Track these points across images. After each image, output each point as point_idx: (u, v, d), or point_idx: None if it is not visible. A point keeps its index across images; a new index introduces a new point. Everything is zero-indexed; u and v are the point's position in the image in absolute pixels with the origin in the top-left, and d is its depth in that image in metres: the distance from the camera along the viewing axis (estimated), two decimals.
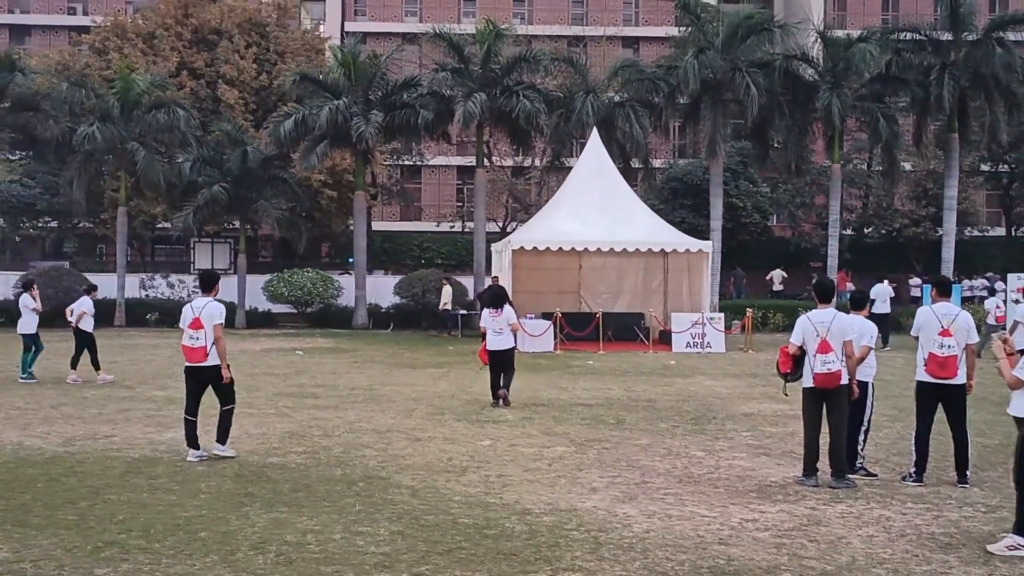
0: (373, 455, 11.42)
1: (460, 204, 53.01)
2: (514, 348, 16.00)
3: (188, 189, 35.86)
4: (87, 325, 18.76)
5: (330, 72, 36.01)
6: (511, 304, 16.24)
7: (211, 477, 10.15)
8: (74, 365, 18.60)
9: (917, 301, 34.80)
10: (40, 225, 45.16)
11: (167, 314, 35.42)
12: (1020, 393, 7.95)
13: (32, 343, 18.69)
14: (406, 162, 48.89)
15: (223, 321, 11.24)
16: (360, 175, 36.31)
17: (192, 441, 11.15)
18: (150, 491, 9.50)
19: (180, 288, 37.98)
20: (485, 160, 37.34)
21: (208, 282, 11.60)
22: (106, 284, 35.08)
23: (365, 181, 37.35)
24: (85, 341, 18.66)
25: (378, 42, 48.74)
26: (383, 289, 36.72)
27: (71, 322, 18.89)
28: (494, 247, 31.51)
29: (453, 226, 49.59)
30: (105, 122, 34.25)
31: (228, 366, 11.18)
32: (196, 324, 11.06)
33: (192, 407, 11.20)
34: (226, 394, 11.22)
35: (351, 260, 38.31)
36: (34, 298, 18.90)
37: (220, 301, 11.60)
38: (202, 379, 11.19)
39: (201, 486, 9.72)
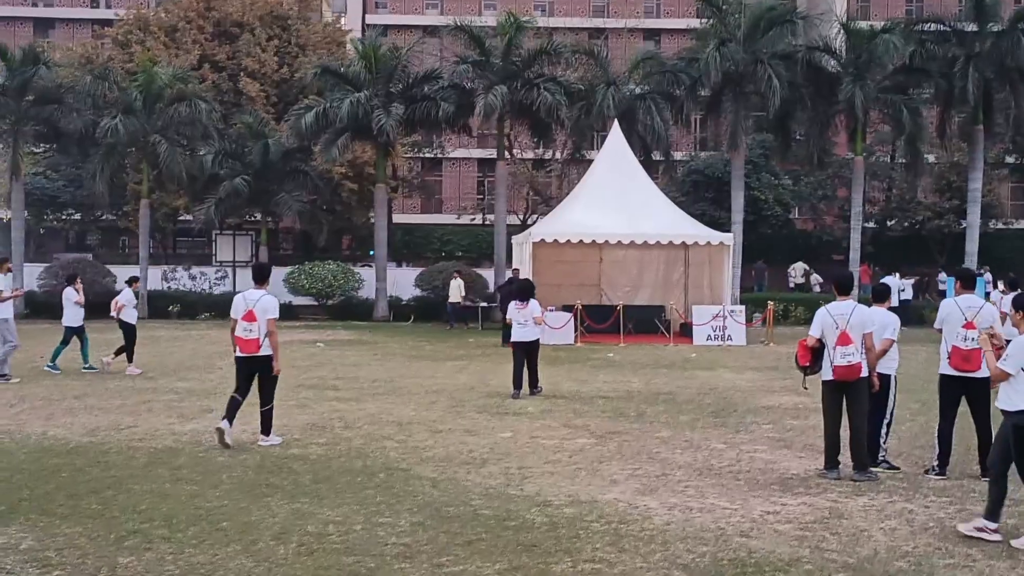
0: (394, 447, 11.45)
1: (481, 197, 53.02)
2: (537, 340, 16.15)
3: (210, 182, 36.03)
4: (128, 316, 18.99)
5: (351, 65, 36.06)
6: (535, 298, 16.40)
7: (233, 468, 10.21)
8: (129, 358, 18.84)
9: (944, 296, 34.46)
10: (63, 218, 45.47)
11: (189, 306, 35.66)
12: (1006, 386, 7.93)
13: (74, 335, 18.88)
14: (427, 155, 48.92)
15: (277, 315, 11.45)
16: (381, 168, 36.34)
17: (230, 414, 11.35)
18: (172, 481, 9.57)
19: (202, 280, 38.15)
20: (506, 153, 37.31)
21: (261, 274, 11.85)
22: (128, 276, 35.31)
23: (386, 174, 37.39)
24: (126, 332, 18.86)
25: (399, 35, 48.85)
26: (404, 281, 36.78)
27: (113, 314, 19.13)
28: (514, 239, 31.48)
29: (474, 219, 49.59)
30: (128, 115, 34.41)
31: (277, 359, 11.42)
32: (250, 316, 11.26)
33: (242, 390, 11.46)
34: (268, 390, 11.44)
35: (372, 253, 38.39)
36: (78, 291, 19.10)
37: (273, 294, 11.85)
38: (252, 369, 11.40)
39: (223, 477, 9.78)
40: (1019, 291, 9.86)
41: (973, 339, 9.74)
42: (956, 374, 9.93)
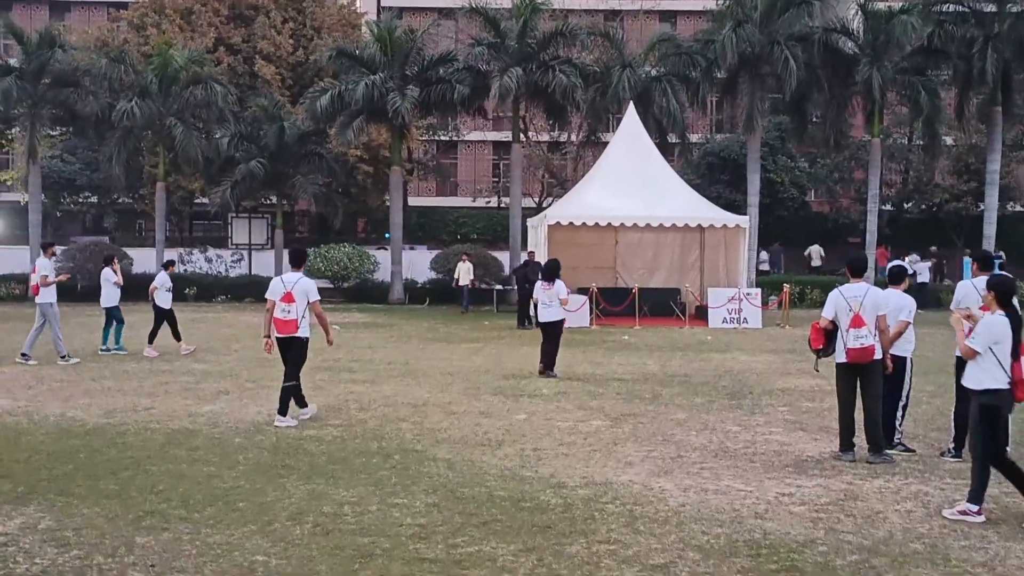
0: (409, 428, 11.49)
1: (496, 179, 52.94)
2: (562, 321, 16.34)
3: (225, 165, 36.10)
4: (161, 300, 19.14)
5: (366, 47, 36.01)
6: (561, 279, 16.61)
7: (249, 449, 10.26)
8: (150, 339, 18.98)
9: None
10: (80, 201, 45.64)
11: (205, 288, 35.79)
12: (972, 364, 8.02)
13: (114, 316, 19.08)
14: (442, 137, 48.86)
15: (319, 296, 11.85)
16: (396, 150, 36.33)
17: (300, 401, 11.91)
18: (189, 462, 9.63)
19: (218, 263, 38.31)
20: (521, 135, 37.22)
21: (298, 258, 12.08)
22: (145, 259, 35.46)
23: (401, 156, 37.38)
24: (159, 315, 19.09)
25: (414, 17, 48.73)
26: (419, 264, 36.84)
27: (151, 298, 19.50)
28: (529, 222, 31.44)
29: (489, 201, 49.53)
30: (144, 98, 34.46)
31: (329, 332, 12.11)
32: (288, 298, 11.59)
33: None
34: (295, 368, 11.74)
35: (387, 236, 38.42)
36: (115, 272, 19.42)
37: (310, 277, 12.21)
38: (291, 348, 11.70)
39: (239, 458, 9.83)
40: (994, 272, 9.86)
41: None
42: None
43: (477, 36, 35.42)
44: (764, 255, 40.46)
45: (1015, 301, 8.19)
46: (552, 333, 16.21)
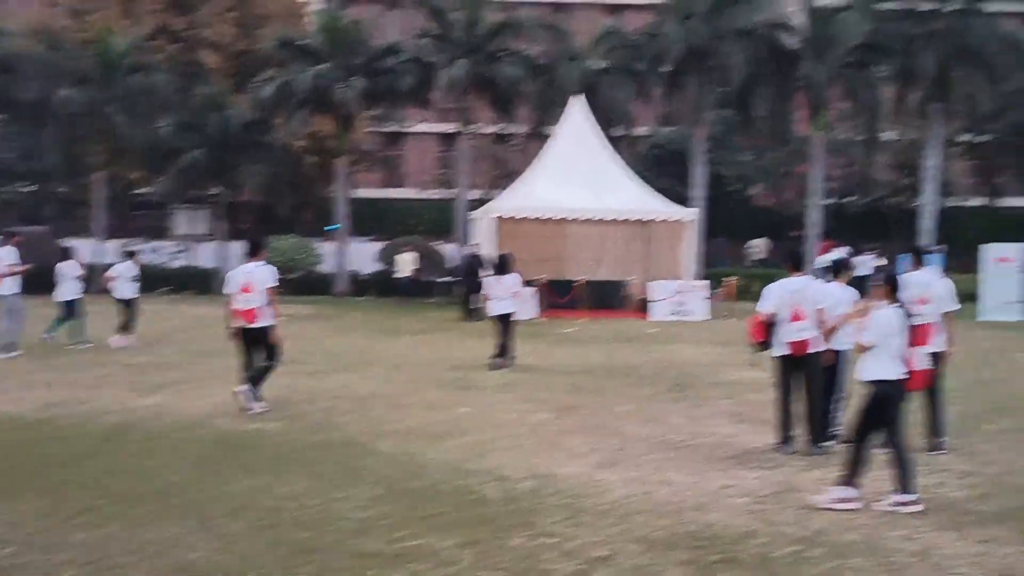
0: (352, 421, 11.42)
1: (443, 171, 52.74)
2: (510, 315, 16.46)
3: (168, 154, 35.58)
4: (121, 290, 18.96)
5: (311, 37, 35.70)
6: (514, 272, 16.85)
7: (189, 443, 10.13)
8: (120, 329, 18.90)
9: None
10: (17, 190, 44.75)
11: (146, 280, 35.18)
12: (867, 356, 8.14)
13: (75, 309, 18.79)
14: (388, 128, 48.57)
15: (276, 284, 11.77)
16: (342, 141, 36.09)
17: (256, 392, 11.85)
18: (128, 457, 9.48)
19: (160, 254, 37.79)
20: (468, 127, 37.15)
21: (255, 247, 12.06)
22: (84, 250, 34.85)
23: (347, 147, 37.13)
24: (124, 305, 18.92)
25: (360, 8, 48.29)
26: (364, 256, 36.64)
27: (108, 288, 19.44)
28: (473, 215, 31.38)
29: (436, 194, 49.35)
30: (83, 85, 33.89)
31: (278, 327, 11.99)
32: (248, 288, 11.58)
33: (248, 364, 11.82)
34: (272, 352, 11.81)
35: (331, 228, 38.14)
36: (79, 265, 19.24)
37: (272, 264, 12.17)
38: (253, 339, 11.70)
39: (179, 452, 9.70)
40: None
41: (925, 315, 9.85)
42: None
43: (423, 28, 35.25)
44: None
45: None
46: (501, 325, 16.30)
